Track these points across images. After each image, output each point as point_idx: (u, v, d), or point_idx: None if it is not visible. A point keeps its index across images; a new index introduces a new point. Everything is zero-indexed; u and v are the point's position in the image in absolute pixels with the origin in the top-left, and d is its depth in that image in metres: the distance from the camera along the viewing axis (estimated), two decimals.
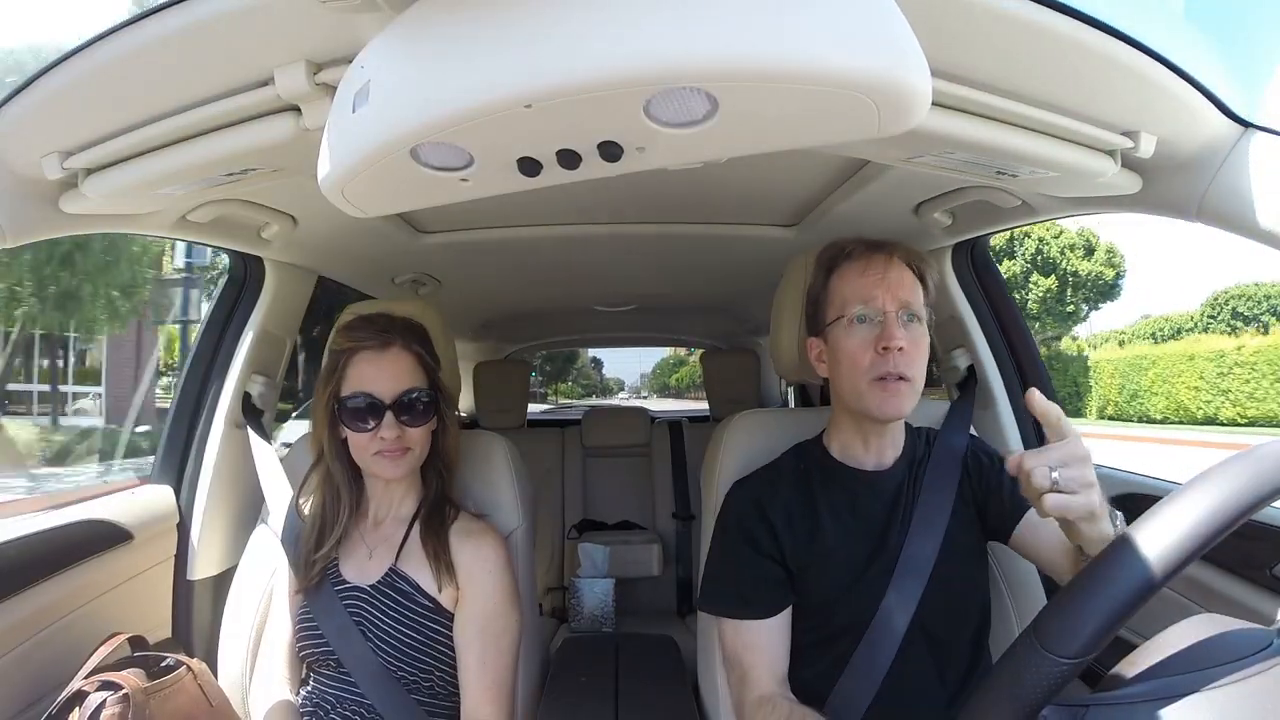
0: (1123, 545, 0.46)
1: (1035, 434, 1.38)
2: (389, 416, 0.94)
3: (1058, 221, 1.30)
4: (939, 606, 0.88)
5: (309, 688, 0.99)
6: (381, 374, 0.95)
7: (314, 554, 0.99)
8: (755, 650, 0.89)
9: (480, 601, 0.97)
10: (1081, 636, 0.44)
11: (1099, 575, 0.46)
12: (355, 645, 0.95)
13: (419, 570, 0.98)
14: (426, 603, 0.97)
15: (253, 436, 1.29)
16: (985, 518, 0.95)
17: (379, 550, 1.01)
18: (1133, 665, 0.50)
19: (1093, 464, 0.64)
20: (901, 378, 0.86)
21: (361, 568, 1.00)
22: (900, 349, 0.85)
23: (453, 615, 0.98)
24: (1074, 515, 0.63)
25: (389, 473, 0.97)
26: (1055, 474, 0.62)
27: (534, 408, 3.72)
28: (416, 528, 1.01)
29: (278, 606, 1.06)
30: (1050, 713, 0.45)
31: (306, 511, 1.05)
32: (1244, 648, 0.46)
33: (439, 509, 1.03)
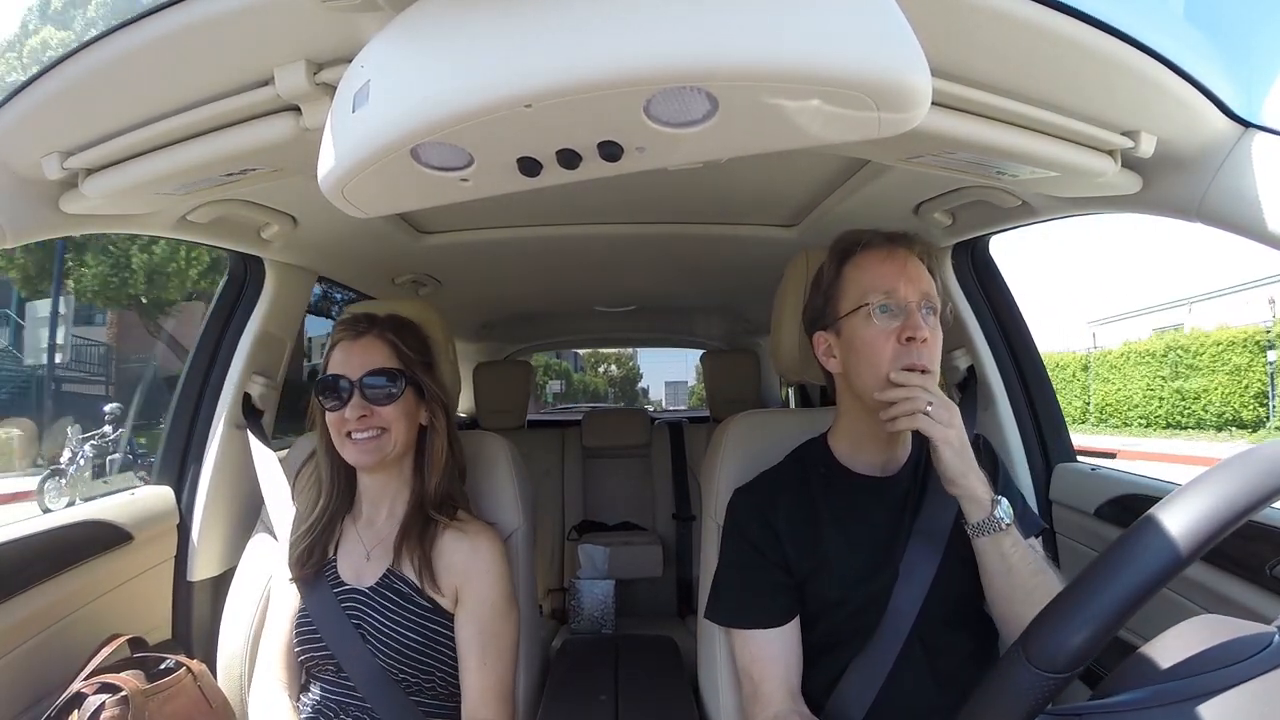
0: (1114, 553, 0.45)
1: (1035, 434, 1.38)
2: (355, 395, 0.97)
3: None
4: (939, 615, 0.86)
5: (310, 694, 0.98)
6: (352, 358, 0.99)
7: (302, 543, 1.01)
8: (766, 662, 0.87)
9: (478, 602, 0.97)
10: (1069, 650, 0.43)
11: (1088, 587, 0.45)
12: (354, 648, 0.95)
13: (416, 571, 0.98)
14: (425, 603, 0.97)
15: (252, 438, 1.29)
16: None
17: (376, 552, 1.01)
18: (1130, 669, 0.50)
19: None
20: (925, 370, 0.84)
21: (359, 569, 1.00)
22: (924, 340, 0.84)
23: (452, 616, 0.98)
24: (938, 439, 0.79)
25: (361, 459, 0.98)
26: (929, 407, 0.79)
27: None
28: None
29: (276, 609, 1.06)
30: None
31: (301, 507, 1.07)
32: (1244, 649, 0.46)
33: (423, 510, 1.01)
